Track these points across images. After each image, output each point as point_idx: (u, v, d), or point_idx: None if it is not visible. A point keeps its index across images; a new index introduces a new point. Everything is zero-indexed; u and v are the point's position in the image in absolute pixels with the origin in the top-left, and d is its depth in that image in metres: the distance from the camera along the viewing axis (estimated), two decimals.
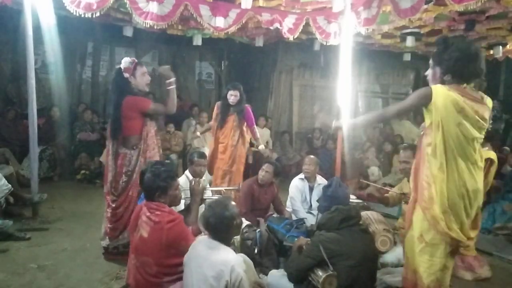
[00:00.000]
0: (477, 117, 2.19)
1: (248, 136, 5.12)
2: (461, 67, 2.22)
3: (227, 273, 2.15)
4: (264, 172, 4.29)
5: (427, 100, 2.20)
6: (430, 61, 2.37)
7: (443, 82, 2.28)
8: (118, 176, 3.50)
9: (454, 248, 2.26)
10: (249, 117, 5.03)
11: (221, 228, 2.30)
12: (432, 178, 2.20)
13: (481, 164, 2.27)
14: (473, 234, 2.27)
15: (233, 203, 2.41)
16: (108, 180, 3.55)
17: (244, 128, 5.00)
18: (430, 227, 2.22)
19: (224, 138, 4.95)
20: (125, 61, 3.48)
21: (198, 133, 6.33)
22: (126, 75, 3.47)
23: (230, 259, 2.21)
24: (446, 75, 2.26)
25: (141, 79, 3.53)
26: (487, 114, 2.24)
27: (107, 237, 3.59)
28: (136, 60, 3.53)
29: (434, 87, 2.20)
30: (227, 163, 4.91)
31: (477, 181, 2.23)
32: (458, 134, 2.17)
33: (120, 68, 3.49)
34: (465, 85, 2.24)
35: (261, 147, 5.19)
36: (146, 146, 3.55)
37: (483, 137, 2.26)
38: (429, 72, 2.39)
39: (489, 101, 2.28)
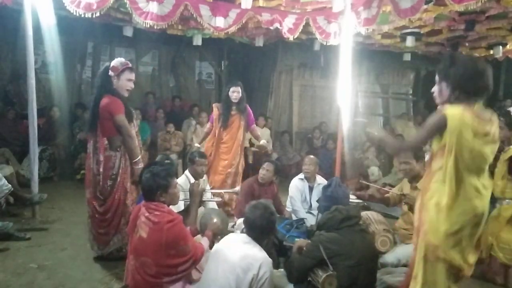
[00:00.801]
0: (489, 138, 2.16)
1: (247, 136, 5.13)
2: (468, 83, 2.17)
3: (256, 267, 2.27)
4: (265, 171, 4.29)
5: (442, 126, 2.13)
6: (436, 77, 2.31)
7: (451, 99, 2.22)
8: (103, 180, 3.41)
9: (455, 273, 2.22)
10: (250, 117, 5.03)
11: (263, 229, 2.44)
12: (436, 201, 2.16)
13: (489, 186, 2.24)
14: (473, 258, 2.23)
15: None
16: (91, 185, 3.47)
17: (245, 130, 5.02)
18: (430, 250, 2.19)
19: (229, 139, 4.92)
20: (117, 61, 3.41)
21: (197, 145, 6.27)
22: (111, 73, 3.38)
23: (261, 256, 2.36)
24: (454, 91, 2.20)
25: (124, 83, 3.41)
26: (497, 133, 2.22)
27: (96, 245, 3.52)
28: (129, 65, 3.45)
29: (449, 113, 2.12)
30: (232, 165, 4.89)
31: (485, 204, 2.20)
32: (471, 158, 2.14)
33: (108, 65, 3.43)
34: (475, 105, 2.18)
35: (263, 141, 5.19)
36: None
37: (492, 158, 2.24)
38: (435, 89, 2.32)
39: (495, 118, 2.25)
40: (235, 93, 4.81)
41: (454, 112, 2.12)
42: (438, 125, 2.15)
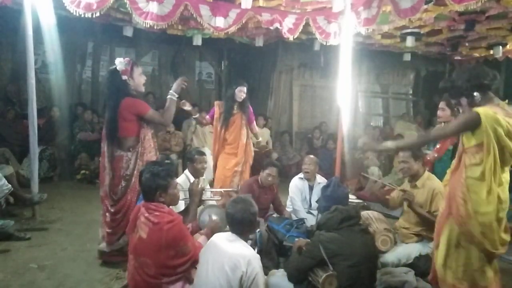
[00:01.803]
0: None
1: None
2: (475, 79, 2.34)
3: (244, 264, 2.26)
4: (271, 177, 4.23)
5: (475, 125, 2.26)
6: (453, 102, 2.52)
7: (476, 104, 2.35)
8: (116, 180, 3.41)
9: (490, 256, 2.37)
10: (250, 115, 5.02)
11: (244, 223, 2.43)
12: (469, 196, 2.31)
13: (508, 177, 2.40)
14: (507, 238, 2.40)
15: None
16: (105, 183, 3.45)
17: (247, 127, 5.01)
18: (465, 237, 2.36)
19: (233, 139, 4.88)
20: (121, 63, 3.37)
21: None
22: (124, 77, 3.35)
23: (248, 253, 2.35)
24: (471, 95, 2.34)
25: (139, 79, 3.45)
26: None
27: (104, 242, 3.49)
28: (131, 61, 3.45)
29: (482, 112, 2.25)
30: (239, 163, 4.88)
31: (507, 192, 2.37)
32: (504, 154, 2.28)
33: (115, 69, 3.38)
34: (502, 102, 2.34)
35: (261, 139, 5.22)
36: (143, 149, 3.45)
37: None
38: (461, 110, 2.48)
39: None
40: (242, 92, 4.78)
41: (487, 112, 2.25)
42: (471, 122, 2.27)
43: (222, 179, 4.86)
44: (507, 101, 2.40)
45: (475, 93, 2.33)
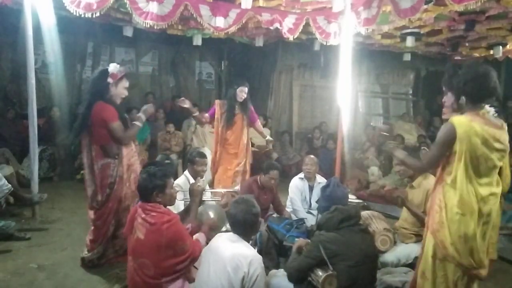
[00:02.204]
0: (498, 145, 2.22)
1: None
2: (472, 87, 2.24)
3: (245, 265, 2.25)
4: (273, 181, 4.21)
5: (453, 137, 2.19)
6: (443, 88, 2.42)
7: (459, 106, 2.31)
8: (101, 189, 3.36)
9: (468, 274, 2.27)
10: (251, 114, 5.03)
11: (246, 224, 2.42)
12: (444, 203, 2.25)
13: (498, 189, 2.30)
14: (484, 258, 2.29)
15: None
16: (88, 194, 3.43)
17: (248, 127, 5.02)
18: (439, 249, 2.28)
19: (234, 140, 4.89)
20: (116, 67, 3.36)
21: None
22: (109, 80, 3.33)
23: (250, 253, 2.35)
24: (460, 98, 2.29)
25: (121, 91, 3.41)
26: (507, 140, 2.27)
27: (86, 249, 3.51)
28: (125, 72, 3.44)
29: (456, 122, 2.19)
30: (240, 163, 4.88)
31: (492, 206, 2.26)
32: (480, 163, 2.21)
33: (106, 70, 3.36)
34: (483, 110, 2.25)
35: (268, 137, 5.20)
36: (122, 155, 3.40)
37: (501, 164, 2.32)
38: (445, 99, 2.45)
39: (505, 125, 2.31)
40: (243, 93, 4.78)
41: (461, 121, 2.19)
42: (449, 136, 2.21)
43: (224, 179, 4.86)
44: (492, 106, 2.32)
45: (463, 97, 2.27)
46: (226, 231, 2.80)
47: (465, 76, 2.25)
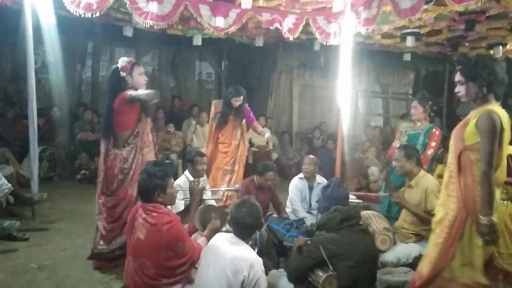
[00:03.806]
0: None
1: (247, 135, 5.12)
2: (498, 87, 2.32)
3: (246, 269, 2.23)
4: (269, 182, 4.21)
5: (500, 127, 2.23)
6: (460, 78, 2.40)
7: (483, 98, 2.32)
8: (111, 177, 3.37)
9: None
10: (248, 116, 5.03)
11: (248, 227, 2.41)
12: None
13: None
14: None
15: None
16: (99, 180, 3.45)
17: (244, 127, 5.01)
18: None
19: (225, 139, 4.93)
20: (123, 60, 3.40)
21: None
22: (123, 74, 3.36)
23: (250, 256, 2.32)
24: (481, 90, 2.31)
25: (138, 78, 3.44)
26: None
27: (101, 241, 3.43)
28: (133, 60, 3.46)
29: (498, 111, 2.25)
30: (228, 162, 4.90)
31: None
32: (503, 153, 2.29)
33: (117, 67, 3.40)
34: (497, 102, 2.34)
35: (267, 135, 5.24)
36: (142, 143, 3.44)
37: None
38: (460, 89, 2.41)
39: None
40: (238, 102, 4.84)
41: (500, 110, 2.27)
42: (498, 125, 2.23)
43: (214, 177, 4.91)
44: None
45: (485, 89, 2.30)
46: (226, 231, 2.79)
47: (490, 67, 2.30)
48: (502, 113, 2.26)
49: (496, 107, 2.29)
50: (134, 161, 3.38)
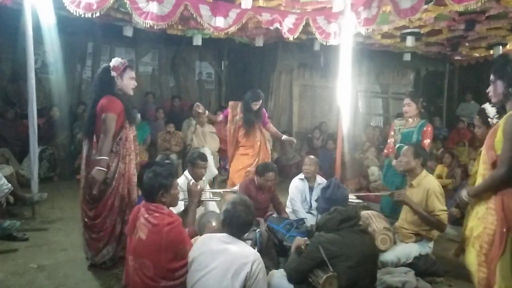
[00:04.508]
0: None
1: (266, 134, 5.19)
2: None
3: (248, 264, 2.25)
4: (270, 182, 4.22)
5: None
6: (492, 77, 2.33)
7: (503, 95, 2.27)
8: (93, 184, 3.23)
9: None
10: (265, 117, 5.08)
11: (245, 225, 2.43)
12: None
13: None
14: None
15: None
16: (81, 186, 3.36)
17: (261, 128, 5.06)
18: None
19: (247, 142, 4.96)
20: (116, 60, 3.33)
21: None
22: (113, 73, 3.30)
23: (250, 252, 2.35)
24: (509, 89, 2.23)
25: (128, 82, 3.36)
26: None
27: (89, 252, 3.39)
28: (127, 63, 3.38)
29: None
30: (251, 164, 4.90)
31: None
32: None
33: (108, 66, 3.34)
34: None
35: (284, 137, 5.24)
36: (125, 151, 3.31)
37: None
38: (490, 89, 2.35)
39: None
40: (257, 106, 4.87)
41: None
42: None
43: (236, 178, 4.89)
44: None
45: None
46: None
47: None
48: None
49: None
50: (117, 170, 3.27)
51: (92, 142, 3.33)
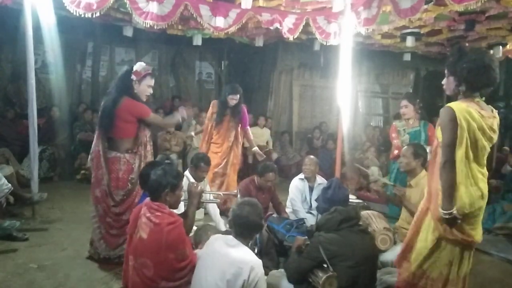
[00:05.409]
0: (490, 132, 2.27)
1: (242, 138, 5.12)
2: (474, 77, 2.26)
3: (246, 272, 2.21)
4: (270, 183, 4.22)
5: (455, 120, 2.20)
6: (446, 71, 2.40)
7: (458, 92, 2.33)
8: (120, 182, 3.36)
9: (465, 245, 2.35)
10: (244, 118, 5.03)
11: (251, 226, 2.40)
12: None
13: (486, 173, 2.37)
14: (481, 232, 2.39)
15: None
16: (103, 182, 3.39)
17: (239, 131, 5.01)
18: (435, 231, 2.34)
19: (218, 139, 4.95)
20: (141, 65, 3.42)
21: (192, 133, 6.33)
22: (133, 77, 3.39)
23: (250, 259, 2.30)
24: (460, 85, 2.30)
25: (144, 89, 3.45)
26: (497, 127, 2.32)
27: (104, 245, 3.43)
28: (150, 71, 3.45)
29: (455, 107, 2.22)
30: (219, 164, 4.90)
31: (486, 187, 2.34)
32: (476, 148, 2.25)
33: (131, 68, 3.44)
34: (477, 98, 2.31)
35: (255, 149, 5.13)
36: (146, 152, 3.45)
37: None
38: (444, 82, 2.43)
39: (496, 113, 2.37)
40: (233, 100, 4.87)
41: (459, 105, 2.22)
42: (452, 120, 2.21)
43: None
44: (484, 98, 2.36)
45: (463, 85, 2.28)
46: (226, 231, 2.79)
47: (469, 65, 2.25)
48: (461, 109, 2.20)
49: (455, 103, 2.25)
50: (140, 170, 3.33)
51: (107, 139, 3.42)
